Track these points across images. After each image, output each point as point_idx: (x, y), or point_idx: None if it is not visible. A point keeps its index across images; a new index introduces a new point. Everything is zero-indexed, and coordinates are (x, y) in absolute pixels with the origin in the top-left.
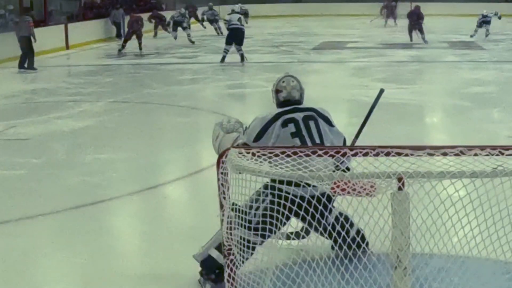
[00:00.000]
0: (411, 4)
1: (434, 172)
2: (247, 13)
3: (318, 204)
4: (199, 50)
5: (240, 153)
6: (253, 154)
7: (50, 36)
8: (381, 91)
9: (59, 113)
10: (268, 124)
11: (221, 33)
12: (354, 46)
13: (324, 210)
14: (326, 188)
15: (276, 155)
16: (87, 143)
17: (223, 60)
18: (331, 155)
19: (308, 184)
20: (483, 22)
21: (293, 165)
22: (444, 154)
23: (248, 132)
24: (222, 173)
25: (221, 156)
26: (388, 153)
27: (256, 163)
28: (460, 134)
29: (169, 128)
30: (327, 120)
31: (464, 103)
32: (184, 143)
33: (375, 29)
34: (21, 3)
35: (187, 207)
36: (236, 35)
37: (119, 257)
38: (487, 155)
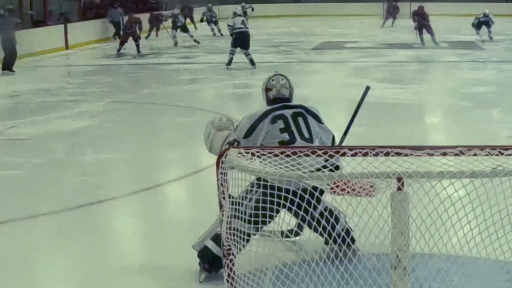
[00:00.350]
0: (410, 5)
1: (433, 172)
2: (246, 12)
3: (307, 196)
4: (198, 50)
5: (239, 153)
6: (253, 154)
7: (50, 36)
8: (367, 89)
9: (58, 113)
10: (258, 121)
11: (220, 34)
12: (354, 46)
13: (312, 202)
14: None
15: (276, 155)
16: (86, 143)
17: (230, 62)
18: (330, 155)
19: None
20: (482, 23)
21: (281, 163)
22: (444, 154)
23: (238, 129)
24: (221, 173)
25: (220, 156)
26: (387, 153)
27: (247, 160)
28: (460, 134)
29: (169, 128)
30: (315, 117)
31: (464, 103)
32: (184, 143)
33: (374, 29)
34: (20, 3)
35: (187, 207)
36: (242, 38)
37: (119, 257)
38: (486, 155)
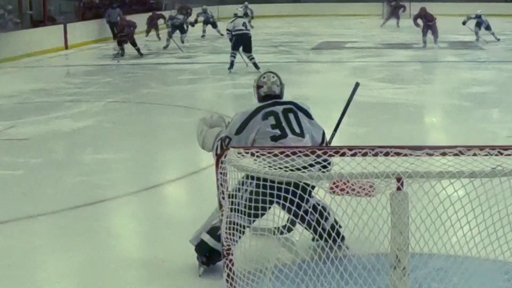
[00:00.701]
0: (410, 5)
1: (433, 172)
2: (247, 13)
3: (299, 191)
4: (197, 50)
5: (239, 153)
6: (252, 154)
7: (49, 36)
8: (357, 85)
9: (58, 113)
10: (249, 118)
11: (221, 34)
12: (353, 46)
13: (304, 197)
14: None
15: (275, 155)
16: (86, 143)
17: (231, 66)
18: (330, 155)
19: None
20: (479, 24)
21: (274, 160)
22: (443, 154)
23: (230, 125)
24: (221, 173)
25: (220, 156)
26: (387, 153)
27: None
28: (459, 134)
29: (168, 128)
30: (306, 113)
31: (463, 103)
32: (183, 143)
33: (374, 29)
34: (20, 3)
35: (186, 207)
36: (243, 40)
37: (119, 257)
38: (486, 155)
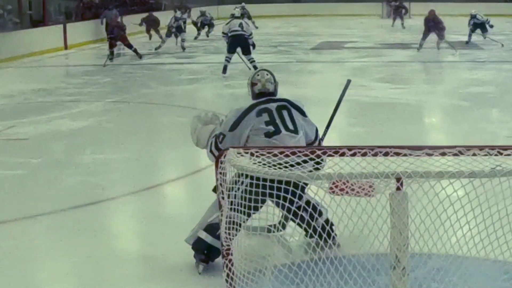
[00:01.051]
0: (410, 5)
1: (432, 172)
2: (244, 13)
3: (291, 188)
4: (197, 50)
5: (238, 153)
6: (252, 154)
7: (49, 36)
8: (348, 82)
9: (57, 113)
10: (243, 115)
11: (207, 36)
12: (353, 46)
13: (296, 193)
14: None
15: (275, 155)
16: (85, 143)
17: (225, 70)
18: (329, 155)
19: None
20: (476, 25)
21: (268, 156)
22: (443, 154)
23: (224, 122)
24: (220, 173)
25: (219, 156)
26: (386, 153)
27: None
28: (459, 134)
29: (168, 128)
30: (300, 110)
31: (463, 103)
32: (183, 143)
33: (373, 29)
34: (20, 3)
35: (186, 207)
36: (238, 42)
37: (118, 257)
38: (485, 155)
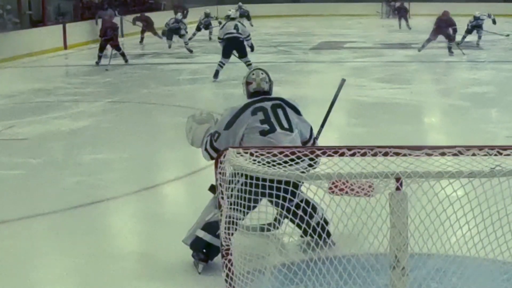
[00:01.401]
0: (409, 5)
1: (432, 172)
2: (243, 13)
3: (285, 185)
4: (197, 50)
5: (238, 153)
6: (251, 154)
7: (48, 36)
8: (343, 81)
9: (57, 113)
10: (238, 113)
11: (209, 38)
12: (352, 46)
13: (292, 192)
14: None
15: (274, 155)
16: (85, 143)
17: (216, 75)
18: (329, 155)
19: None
20: (475, 27)
21: (262, 154)
22: (442, 154)
23: (219, 121)
24: (220, 173)
25: (219, 156)
26: (386, 153)
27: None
28: (458, 134)
29: (167, 128)
30: (295, 109)
31: (462, 103)
32: (182, 143)
33: (373, 29)
34: (19, 4)
35: (185, 207)
36: (233, 45)
37: (118, 257)
38: (485, 155)
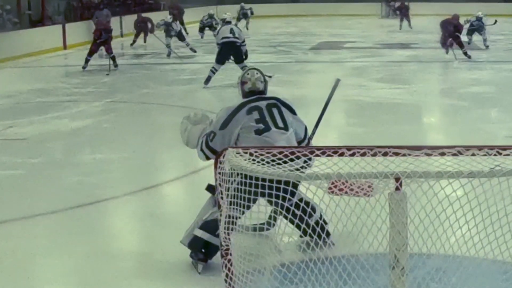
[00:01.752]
0: (408, 4)
1: (431, 172)
2: (246, 14)
3: (284, 184)
4: (196, 50)
5: (237, 153)
6: (251, 154)
7: (48, 36)
8: (337, 81)
9: (56, 113)
10: (233, 113)
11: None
12: (352, 46)
13: (289, 191)
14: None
15: (274, 155)
16: (84, 143)
17: (207, 81)
18: (328, 155)
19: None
20: (473, 30)
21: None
22: (442, 154)
23: (215, 121)
24: (219, 173)
25: (218, 156)
26: (385, 153)
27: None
28: (458, 134)
29: (167, 128)
30: (290, 108)
31: (462, 103)
32: (182, 143)
33: (373, 29)
34: (19, 3)
35: (185, 207)
36: (229, 50)
37: (117, 257)
38: (484, 155)
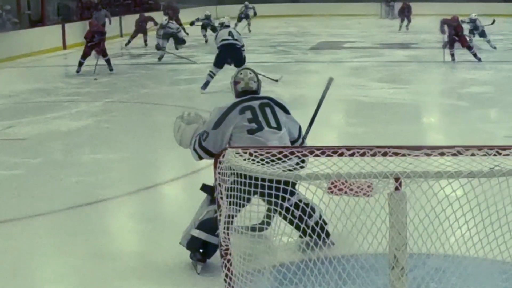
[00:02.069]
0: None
1: (431, 172)
2: (247, 14)
3: (280, 184)
4: (196, 50)
5: (237, 153)
6: (250, 154)
7: (48, 36)
8: (330, 80)
9: (56, 113)
10: (226, 112)
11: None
12: (351, 46)
13: (286, 190)
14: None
15: (273, 155)
16: (84, 143)
17: (205, 86)
18: (328, 155)
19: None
20: (473, 30)
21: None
22: (442, 154)
23: (208, 121)
24: (219, 173)
25: (218, 156)
26: (385, 153)
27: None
28: (458, 134)
29: (166, 128)
30: (283, 108)
31: (462, 103)
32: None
33: (372, 29)
34: (18, 3)
35: (184, 206)
36: (229, 52)
37: (117, 257)
38: (484, 155)
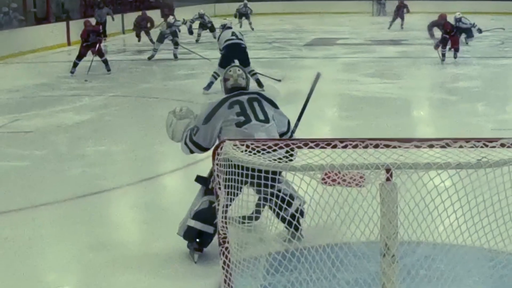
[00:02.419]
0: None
1: (421, 164)
2: (247, 13)
3: (265, 174)
4: (195, 46)
5: (234, 145)
6: (247, 146)
7: (52, 33)
8: (318, 75)
9: (61, 107)
10: (216, 108)
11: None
12: (344, 42)
13: (273, 178)
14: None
15: (269, 147)
16: (87, 135)
17: (209, 86)
18: (322, 147)
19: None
20: (459, 30)
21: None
22: (431, 146)
23: (198, 116)
24: (217, 164)
25: (216, 148)
26: (377, 145)
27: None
28: (446, 127)
29: None
30: (271, 102)
31: (450, 97)
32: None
33: (364, 26)
34: (24, 2)
35: (184, 197)
36: (235, 52)
37: (119, 246)
38: (472, 147)
